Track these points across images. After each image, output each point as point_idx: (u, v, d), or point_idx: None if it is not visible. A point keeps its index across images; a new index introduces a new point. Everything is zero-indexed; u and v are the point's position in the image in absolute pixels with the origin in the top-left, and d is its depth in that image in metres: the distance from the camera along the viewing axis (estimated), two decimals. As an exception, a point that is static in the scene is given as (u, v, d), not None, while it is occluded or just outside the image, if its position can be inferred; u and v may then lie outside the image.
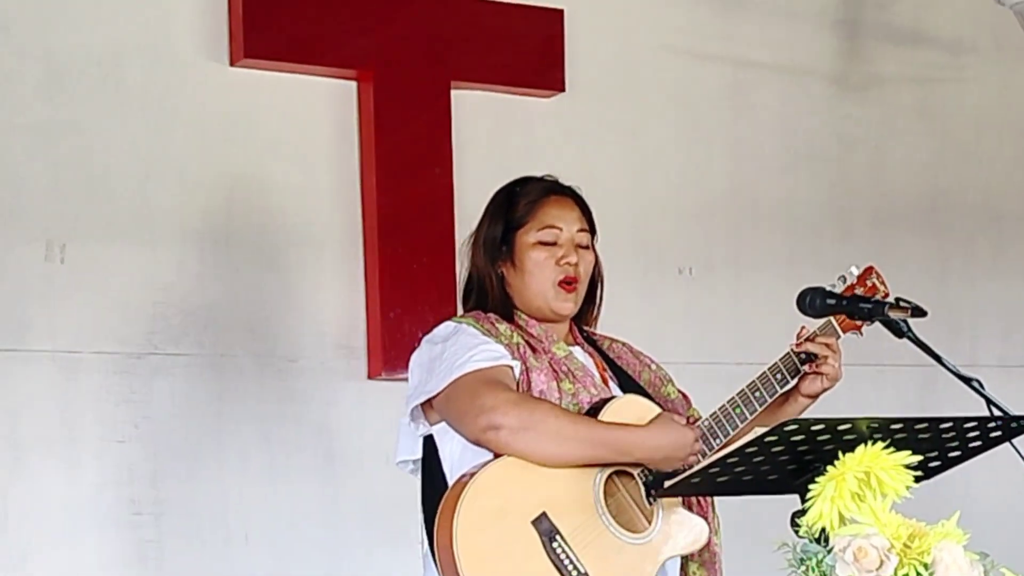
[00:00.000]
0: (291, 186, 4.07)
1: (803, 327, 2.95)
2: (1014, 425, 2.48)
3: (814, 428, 2.33)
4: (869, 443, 2.16)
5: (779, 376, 2.91)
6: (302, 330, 4.04)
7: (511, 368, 2.83)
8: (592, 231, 3.02)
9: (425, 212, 4.14)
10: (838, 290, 2.93)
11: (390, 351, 4.06)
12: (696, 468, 2.59)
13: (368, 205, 4.11)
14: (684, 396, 3.08)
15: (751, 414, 2.89)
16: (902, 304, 2.81)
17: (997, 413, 2.53)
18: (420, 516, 2.89)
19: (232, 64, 3.99)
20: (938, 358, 2.72)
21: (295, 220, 4.07)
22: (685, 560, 2.91)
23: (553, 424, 2.74)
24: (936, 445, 2.45)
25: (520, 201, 2.98)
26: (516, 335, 2.90)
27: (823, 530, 2.11)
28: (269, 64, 4.02)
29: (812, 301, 2.84)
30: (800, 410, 2.97)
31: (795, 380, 2.96)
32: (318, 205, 4.09)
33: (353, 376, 4.09)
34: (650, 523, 2.80)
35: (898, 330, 2.81)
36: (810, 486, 2.17)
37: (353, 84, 4.13)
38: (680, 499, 2.83)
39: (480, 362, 2.81)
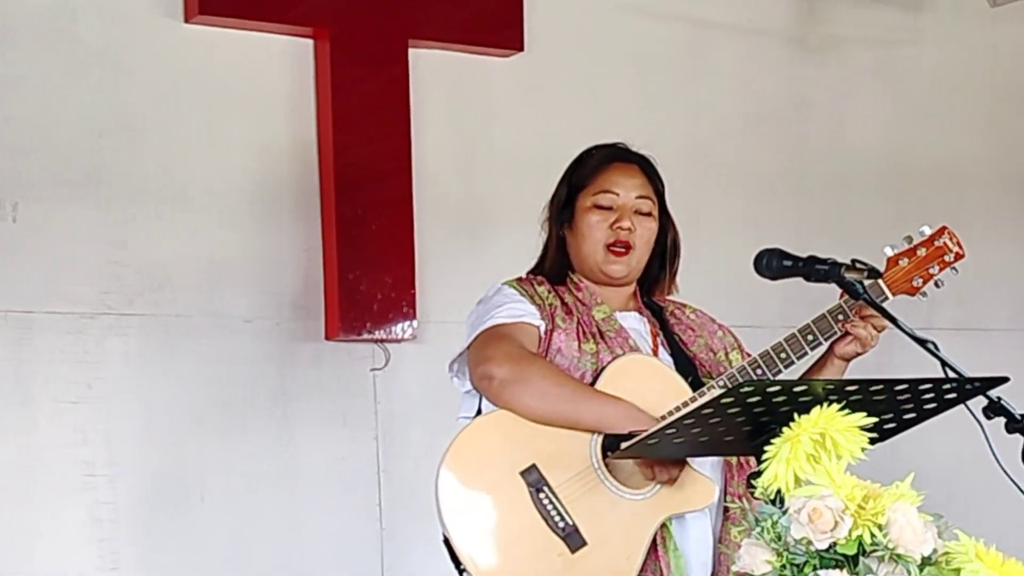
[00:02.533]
0: (247, 144, 4.03)
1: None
2: (968, 387, 2.48)
3: (770, 390, 2.33)
4: (824, 405, 2.16)
5: (810, 337, 2.90)
6: (258, 290, 4.02)
7: (535, 327, 2.91)
8: (658, 200, 3.05)
9: (383, 172, 4.11)
10: (900, 249, 2.93)
11: (348, 312, 4.04)
12: (652, 430, 2.60)
13: (325, 164, 4.08)
14: None
15: (774, 376, 2.87)
16: (858, 266, 2.81)
17: (952, 375, 2.53)
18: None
19: (187, 21, 3.95)
20: (893, 320, 2.72)
21: (251, 179, 4.03)
22: (727, 524, 2.90)
23: (540, 383, 2.80)
24: (891, 407, 2.46)
25: (585, 165, 3.06)
26: (552, 296, 2.98)
27: (779, 491, 2.11)
28: (224, 21, 3.97)
29: (769, 262, 2.83)
30: (838, 373, 2.95)
31: (828, 342, 2.91)
32: (274, 164, 4.06)
33: (310, 337, 4.06)
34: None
35: (854, 292, 2.81)
36: (766, 448, 2.16)
37: (310, 42, 4.09)
38: (689, 458, 2.81)
39: (500, 318, 2.91)
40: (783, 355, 2.88)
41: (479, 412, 2.95)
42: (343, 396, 4.09)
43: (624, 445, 2.71)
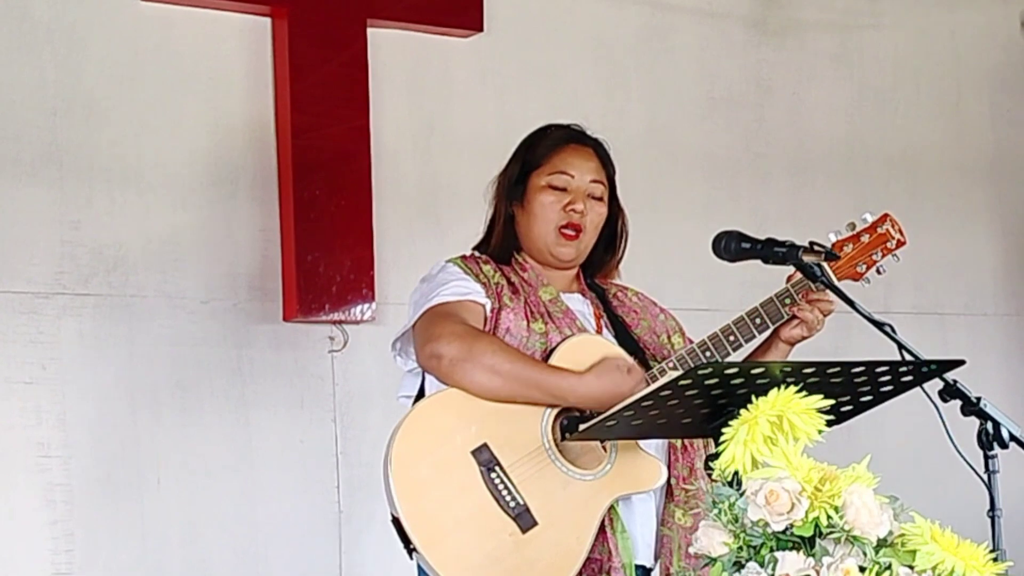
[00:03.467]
0: (203, 124, 4.00)
1: (794, 272, 2.91)
2: (925, 370, 2.49)
3: (728, 372, 2.33)
4: (782, 387, 2.16)
5: (758, 320, 2.91)
6: (215, 271, 3.99)
7: (480, 305, 2.90)
8: (610, 185, 3.05)
9: (341, 152, 4.09)
10: (844, 235, 2.93)
11: (306, 293, 4.03)
12: (611, 411, 2.59)
13: (283, 145, 4.06)
14: None
15: (723, 358, 2.87)
16: (816, 248, 2.81)
17: (909, 358, 2.54)
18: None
19: (143, -2, 3.92)
20: (852, 303, 2.73)
21: (207, 159, 4.00)
22: (670, 506, 2.91)
23: (490, 359, 2.79)
24: (848, 389, 2.46)
25: (540, 144, 3.04)
26: (498, 275, 2.97)
27: (736, 473, 2.12)
28: (181, -2, 3.95)
29: (727, 244, 2.84)
30: (783, 357, 2.96)
31: (775, 325, 2.92)
32: (231, 144, 4.03)
33: (268, 318, 4.04)
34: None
35: (812, 275, 2.82)
36: (723, 430, 2.17)
37: (267, 20, 4.06)
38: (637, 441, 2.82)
39: (446, 296, 2.89)
40: (732, 338, 2.89)
41: (422, 391, 2.94)
42: (301, 378, 4.08)
43: (582, 427, 2.71)
